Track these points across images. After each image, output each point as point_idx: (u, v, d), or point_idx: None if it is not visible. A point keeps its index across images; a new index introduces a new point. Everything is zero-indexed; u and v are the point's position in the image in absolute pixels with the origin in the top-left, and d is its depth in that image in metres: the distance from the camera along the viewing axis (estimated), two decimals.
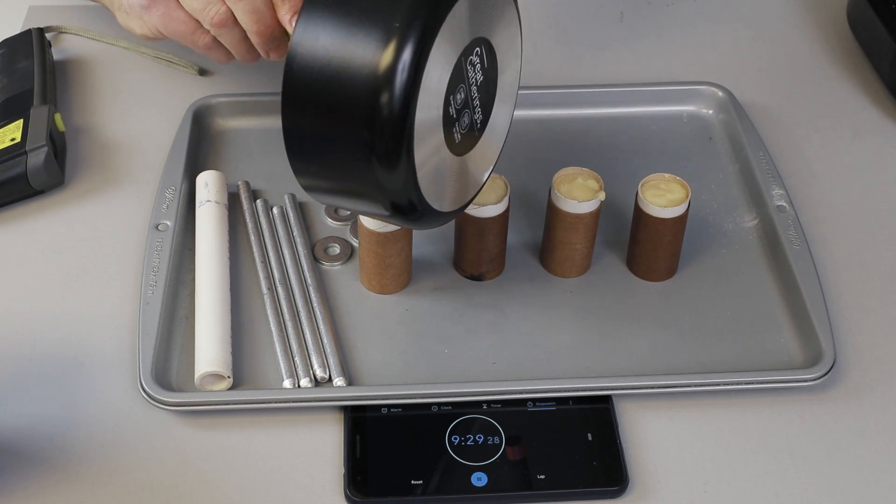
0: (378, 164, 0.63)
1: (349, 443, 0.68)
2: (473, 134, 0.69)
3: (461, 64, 0.65)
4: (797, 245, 0.79)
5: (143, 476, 0.67)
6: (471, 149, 0.69)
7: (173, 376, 0.72)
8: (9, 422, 0.69)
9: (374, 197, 0.65)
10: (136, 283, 0.77)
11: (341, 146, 0.63)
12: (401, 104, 0.61)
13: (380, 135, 0.62)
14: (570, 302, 0.78)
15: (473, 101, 0.68)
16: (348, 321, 0.76)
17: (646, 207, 0.76)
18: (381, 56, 0.60)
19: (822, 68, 0.99)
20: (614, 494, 0.67)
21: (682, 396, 0.72)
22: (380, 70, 0.60)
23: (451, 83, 0.64)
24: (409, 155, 0.63)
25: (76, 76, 0.96)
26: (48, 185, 0.84)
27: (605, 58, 0.99)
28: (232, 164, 0.87)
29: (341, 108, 0.62)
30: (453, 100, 0.65)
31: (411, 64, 0.60)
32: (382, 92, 0.61)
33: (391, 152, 0.62)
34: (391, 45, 0.60)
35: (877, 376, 0.73)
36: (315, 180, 0.67)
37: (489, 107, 0.70)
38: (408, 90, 0.61)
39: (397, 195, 0.64)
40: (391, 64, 0.60)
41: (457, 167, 0.68)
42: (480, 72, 0.67)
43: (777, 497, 0.67)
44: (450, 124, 0.66)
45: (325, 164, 0.65)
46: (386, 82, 0.60)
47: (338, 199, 0.68)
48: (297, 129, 0.64)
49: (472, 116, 0.68)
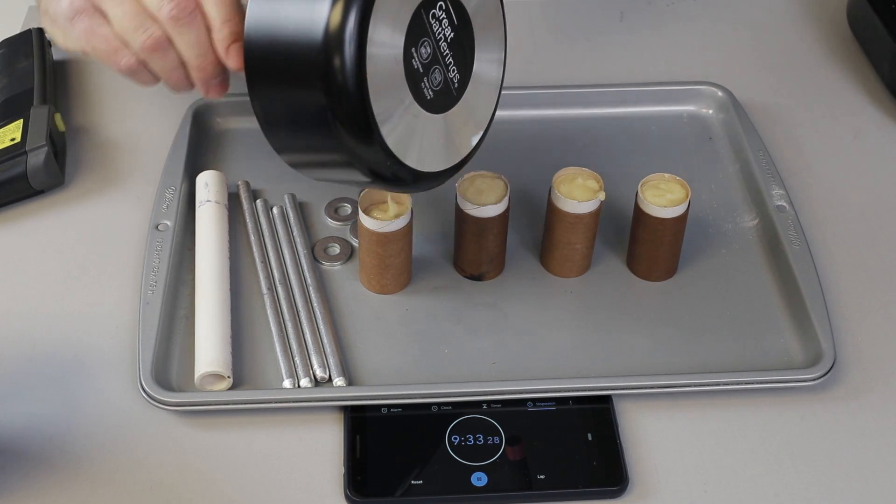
0: (342, 128, 0.62)
1: (349, 443, 0.68)
2: (450, 92, 0.68)
3: (421, 16, 0.64)
4: (797, 245, 0.79)
5: (143, 476, 0.67)
6: (450, 107, 0.68)
7: (173, 376, 0.72)
8: (9, 422, 0.69)
9: (349, 163, 0.65)
10: (136, 283, 0.77)
11: (305, 116, 0.63)
12: (352, 62, 0.61)
13: (336, 97, 0.61)
14: (570, 302, 0.78)
15: (445, 57, 0.67)
16: (348, 321, 0.76)
17: (646, 207, 0.76)
18: (326, 16, 0.60)
19: (822, 68, 0.99)
20: (614, 494, 0.67)
21: (682, 396, 0.72)
22: (326, 30, 0.60)
23: (411, 35, 0.64)
24: (370, 113, 0.62)
25: (76, 76, 0.96)
26: (48, 185, 0.84)
27: (605, 58, 0.99)
28: (232, 164, 0.87)
29: (297, 77, 0.62)
30: (417, 53, 0.65)
31: (356, 19, 0.60)
32: (332, 53, 0.60)
33: (352, 113, 0.62)
34: (332, 3, 0.60)
35: (877, 376, 0.73)
36: (293, 155, 0.67)
37: (467, 66, 0.69)
38: (357, 46, 0.61)
39: (370, 157, 0.64)
40: (338, 22, 0.60)
41: (434, 126, 0.67)
42: (449, 28, 0.67)
43: (777, 497, 0.67)
44: (415, 79, 0.65)
45: (297, 137, 0.65)
46: (334, 42, 0.60)
47: (321, 172, 0.68)
48: (264, 105, 0.64)
49: (444, 73, 0.67)
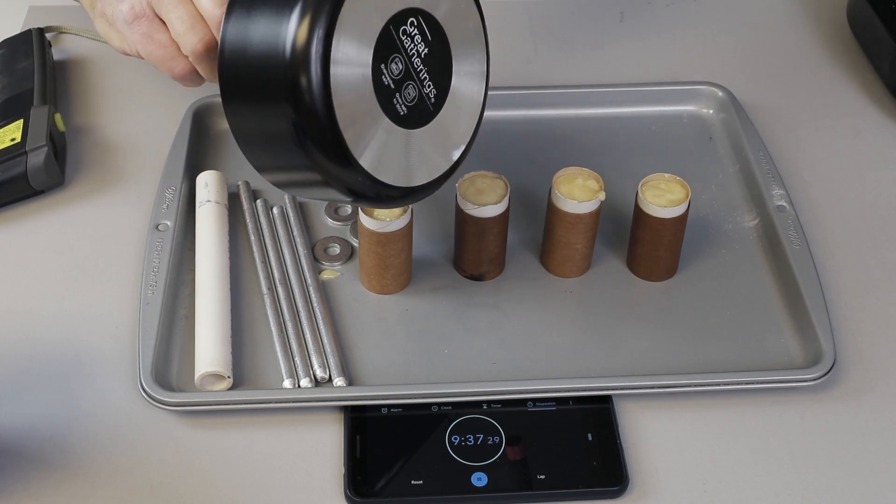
0: (313, 147, 0.62)
1: (349, 443, 0.68)
2: (426, 107, 0.68)
3: (390, 32, 0.64)
4: (797, 245, 0.79)
5: (143, 476, 0.67)
6: (427, 122, 0.68)
7: (173, 376, 0.72)
8: (9, 422, 0.69)
9: (325, 182, 0.64)
10: (136, 283, 0.77)
11: (275, 135, 0.63)
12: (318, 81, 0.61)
13: (304, 116, 0.61)
14: (570, 302, 0.78)
15: (419, 73, 0.67)
16: (348, 321, 0.76)
17: (646, 207, 0.76)
18: (284, 29, 0.61)
19: (822, 68, 0.99)
20: (614, 494, 0.67)
21: (682, 396, 0.72)
22: (289, 51, 0.61)
23: (379, 52, 0.64)
24: (338, 131, 0.62)
25: (76, 76, 0.96)
26: (48, 185, 0.84)
27: (605, 58, 0.99)
28: (232, 164, 0.87)
29: (264, 96, 0.62)
30: (387, 69, 0.64)
31: (317, 34, 0.60)
32: (298, 75, 0.61)
33: (321, 131, 0.62)
34: (293, 24, 0.60)
35: (877, 376, 0.73)
36: (273, 175, 0.67)
37: (445, 80, 0.69)
38: (321, 65, 0.61)
39: (344, 175, 0.64)
40: (303, 44, 0.60)
41: (410, 141, 0.67)
42: (423, 43, 0.66)
43: (777, 497, 0.67)
44: (387, 95, 0.65)
45: (274, 158, 0.65)
46: (298, 63, 0.60)
47: (301, 190, 0.68)
48: (239, 127, 0.64)
49: (419, 89, 0.67)
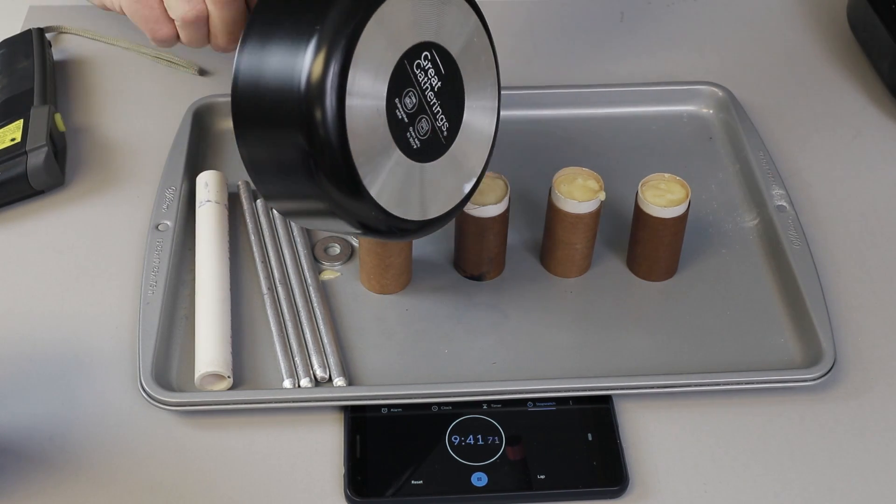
0: (327, 181, 0.62)
1: (349, 443, 0.68)
2: (438, 141, 0.68)
3: (404, 67, 0.64)
4: (797, 245, 0.79)
5: (143, 476, 0.67)
6: (439, 156, 0.68)
7: (173, 376, 0.72)
8: (9, 422, 0.69)
9: (337, 215, 0.64)
10: (136, 283, 0.77)
11: (287, 167, 0.63)
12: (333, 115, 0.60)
13: (319, 150, 0.61)
14: (570, 302, 0.78)
15: (432, 106, 0.66)
16: (348, 321, 0.76)
17: (646, 207, 0.76)
18: (300, 61, 0.60)
19: (822, 68, 0.99)
20: (614, 494, 0.67)
21: (682, 396, 0.72)
22: (305, 85, 0.60)
23: (394, 86, 0.63)
24: (348, 161, 0.62)
25: (76, 76, 0.96)
26: (48, 185, 0.84)
27: (605, 58, 0.99)
28: (232, 164, 0.87)
29: (278, 127, 0.62)
30: (401, 103, 0.64)
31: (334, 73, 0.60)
32: (312, 108, 0.60)
33: (335, 166, 0.62)
34: (310, 59, 0.60)
35: (877, 376, 0.73)
36: (282, 204, 0.67)
37: (457, 114, 0.69)
38: (338, 99, 0.60)
39: (357, 209, 0.64)
40: (318, 77, 0.60)
41: (423, 175, 0.67)
42: (436, 77, 0.66)
43: (777, 497, 0.67)
44: (401, 129, 0.65)
45: (286, 191, 0.64)
46: (314, 96, 0.60)
47: (311, 222, 0.67)
48: (251, 157, 0.64)
49: (432, 122, 0.67)
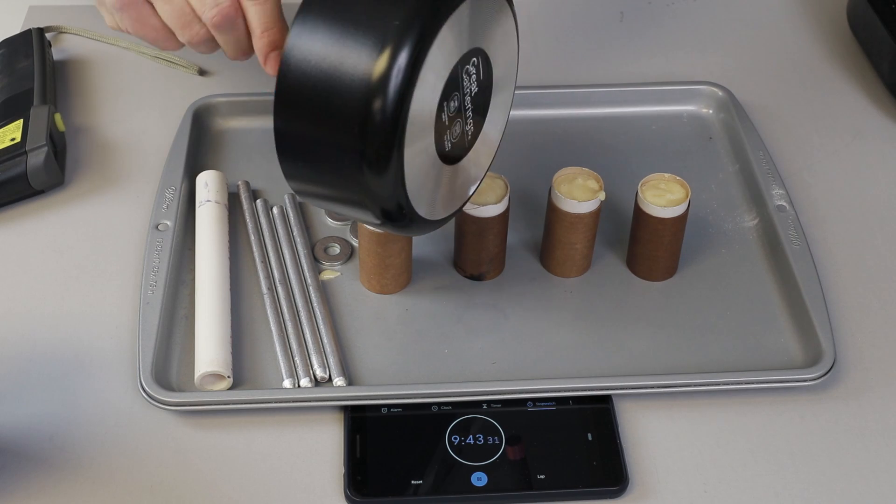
0: (368, 170, 0.62)
1: (349, 443, 0.68)
2: (464, 144, 0.69)
3: (457, 72, 0.64)
4: (797, 245, 0.79)
5: (143, 476, 0.67)
6: (460, 159, 0.69)
7: (173, 376, 0.72)
8: (9, 422, 0.69)
9: (363, 203, 0.64)
10: (136, 283, 0.77)
11: (332, 151, 0.62)
12: (393, 109, 0.60)
13: (371, 140, 0.61)
14: (570, 302, 0.78)
15: (466, 111, 0.67)
16: (348, 321, 0.76)
17: (646, 207, 0.76)
18: (376, 58, 0.60)
19: (822, 68, 0.99)
20: (614, 494, 0.67)
21: (682, 396, 0.72)
22: (374, 73, 0.60)
23: (446, 90, 0.64)
24: (399, 161, 0.62)
25: (76, 76, 0.96)
26: (48, 185, 0.84)
27: (605, 58, 0.99)
28: (232, 164, 0.87)
29: (333, 112, 0.61)
30: (446, 107, 0.65)
31: (407, 67, 0.60)
32: (375, 96, 0.60)
33: (381, 158, 0.61)
34: (387, 48, 0.60)
35: (877, 376, 0.73)
36: (306, 185, 0.66)
37: (481, 119, 0.70)
38: (401, 95, 0.60)
39: (386, 202, 0.64)
40: (386, 67, 0.59)
41: (445, 176, 0.68)
42: (475, 83, 0.67)
43: (777, 497, 0.67)
44: (441, 132, 0.65)
45: (316, 169, 0.64)
46: (380, 86, 0.60)
47: (328, 204, 0.67)
48: (288, 131, 0.63)
49: (463, 126, 0.68)
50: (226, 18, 0.71)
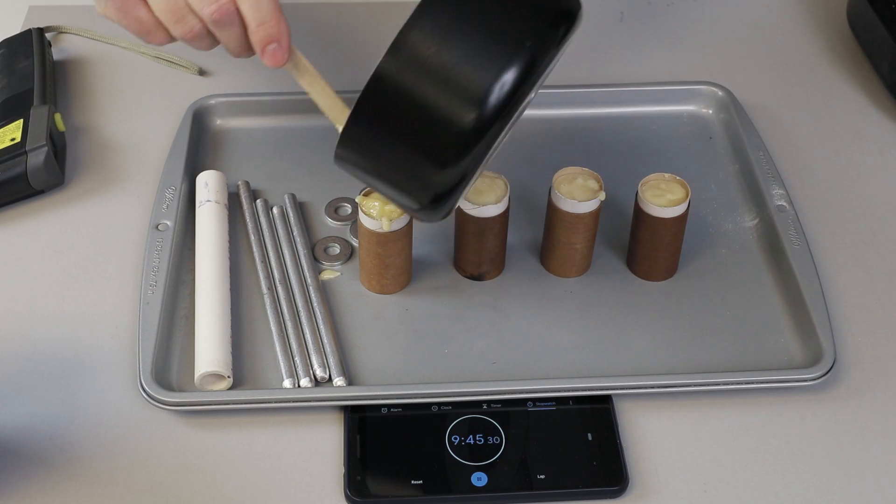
0: (444, 167, 0.62)
1: (349, 443, 0.68)
2: (488, 160, 0.69)
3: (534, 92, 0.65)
4: (797, 245, 0.79)
5: (143, 476, 0.67)
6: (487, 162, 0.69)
7: (173, 376, 0.72)
8: (9, 422, 0.69)
9: (419, 188, 0.64)
10: (136, 283, 0.77)
11: (418, 135, 0.62)
12: (493, 125, 0.61)
13: (463, 144, 0.61)
14: (570, 302, 0.78)
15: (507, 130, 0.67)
16: (348, 321, 0.76)
17: (646, 207, 0.76)
18: (501, 73, 0.60)
19: (822, 68, 0.99)
20: (614, 494, 0.67)
21: (682, 396, 0.72)
22: (494, 87, 0.60)
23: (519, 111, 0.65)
24: (474, 166, 0.63)
25: (76, 76, 0.96)
26: (48, 185, 0.84)
27: (605, 58, 0.99)
28: (232, 164, 0.87)
29: (439, 101, 0.61)
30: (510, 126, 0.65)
31: (524, 90, 0.60)
32: (486, 108, 0.60)
33: (462, 160, 0.62)
34: (513, 66, 0.60)
35: (877, 376, 0.73)
36: (363, 153, 0.65)
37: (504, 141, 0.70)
38: (507, 114, 0.61)
39: (442, 194, 0.64)
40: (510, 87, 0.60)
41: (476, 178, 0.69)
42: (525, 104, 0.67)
43: (777, 497, 0.67)
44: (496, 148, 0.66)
45: (387, 144, 0.63)
46: (495, 102, 0.60)
47: (371, 178, 0.66)
48: (379, 97, 0.62)
49: (498, 144, 0.68)
50: (225, 14, 0.71)
